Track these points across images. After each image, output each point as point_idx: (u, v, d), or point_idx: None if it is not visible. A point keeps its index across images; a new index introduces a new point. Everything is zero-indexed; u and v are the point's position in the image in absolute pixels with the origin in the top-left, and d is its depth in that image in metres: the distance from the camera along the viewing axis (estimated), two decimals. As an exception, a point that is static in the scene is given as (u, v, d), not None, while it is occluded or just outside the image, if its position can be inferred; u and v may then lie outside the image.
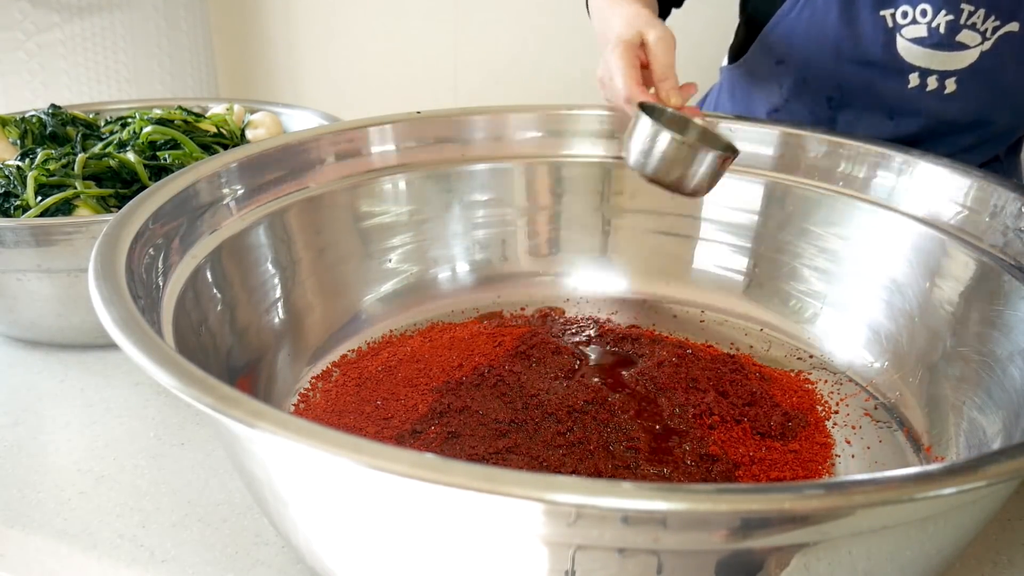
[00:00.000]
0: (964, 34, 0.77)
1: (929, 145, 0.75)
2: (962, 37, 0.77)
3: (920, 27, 0.77)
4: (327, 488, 0.39)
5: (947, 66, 0.79)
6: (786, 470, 0.57)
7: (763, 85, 0.92)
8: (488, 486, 0.31)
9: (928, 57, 0.79)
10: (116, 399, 0.67)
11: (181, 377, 0.37)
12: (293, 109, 1.01)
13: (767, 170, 0.79)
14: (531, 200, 0.84)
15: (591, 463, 0.55)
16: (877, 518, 0.35)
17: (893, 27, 0.78)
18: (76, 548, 0.53)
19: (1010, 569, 0.51)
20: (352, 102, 1.80)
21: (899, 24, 0.78)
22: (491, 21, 1.66)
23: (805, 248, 0.77)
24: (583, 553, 0.35)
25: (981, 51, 0.77)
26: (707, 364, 0.67)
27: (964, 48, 0.77)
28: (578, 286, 0.84)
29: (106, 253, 0.49)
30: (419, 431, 0.59)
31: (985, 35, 0.76)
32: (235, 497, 0.56)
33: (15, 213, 0.75)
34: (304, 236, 0.72)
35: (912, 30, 0.77)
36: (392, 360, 0.69)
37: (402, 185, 0.79)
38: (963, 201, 0.67)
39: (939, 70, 0.79)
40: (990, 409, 0.57)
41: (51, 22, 1.50)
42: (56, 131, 0.89)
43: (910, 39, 0.78)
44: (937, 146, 0.83)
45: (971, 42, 0.77)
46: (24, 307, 0.70)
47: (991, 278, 0.62)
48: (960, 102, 0.80)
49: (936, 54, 0.78)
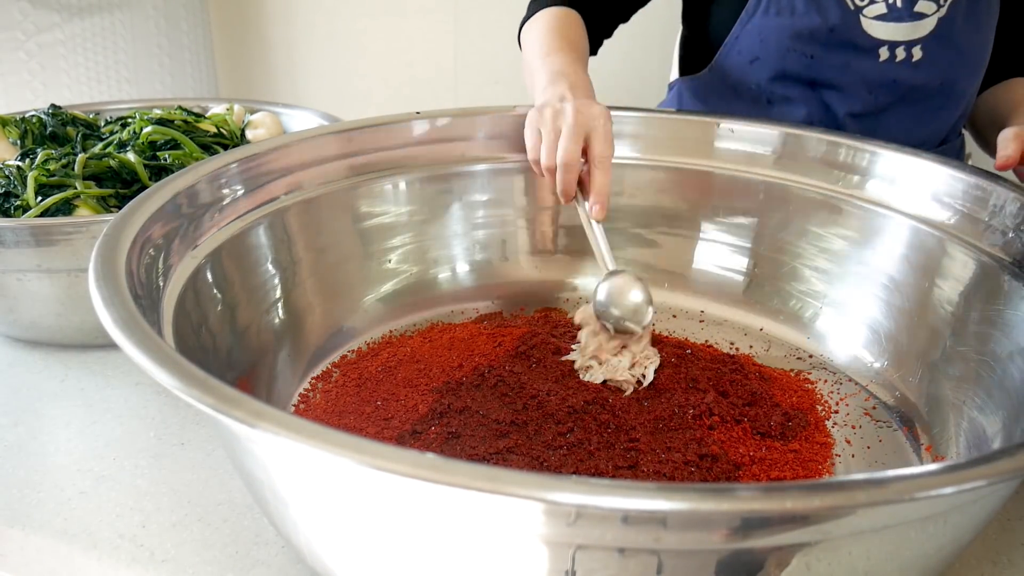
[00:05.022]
0: (921, 4, 0.83)
1: (904, 111, 0.79)
2: (920, 7, 0.83)
3: (879, 5, 0.83)
4: (328, 488, 0.39)
5: (911, 36, 0.84)
6: (786, 470, 0.57)
7: (738, 86, 0.94)
8: (489, 486, 0.31)
9: (892, 30, 0.84)
10: (116, 399, 0.68)
11: (182, 377, 0.37)
12: (293, 109, 1.01)
13: (767, 170, 0.79)
14: (531, 200, 0.84)
15: (591, 463, 0.55)
16: (877, 518, 0.35)
17: (855, 9, 0.83)
18: (76, 548, 0.53)
19: (1010, 569, 0.51)
20: (352, 102, 1.80)
21: (859, 6, 0.83)
22: (491, 21, 1.66)
23: (805, 248, 0.77)
24: (583, 553, 0.35)
25: (939, 18, 0.84)
26: (707, 364, 0.67)
27: (923, 17, 0.83)
28: (578, 286, 0.84)
29: (106, 253, 0.49)
30: (419, 431, 0.59)
31: (939, 2, 0.83)
32: (235, 497, 0.56)
33: (15, 213, 0.75)
34: (304, 236, 0.72)
35: (873, 9, 0.83)
36: (392, 361, 0.69)
37: (402, 185, 0.79)
38: (963, 201, 0.67)
39: (904, 40, 0.84)
40: (990, 409, 0.57)
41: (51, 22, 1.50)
42: (56, 131, 0.89)
43: (872, 17, 0.83)
44: (912, 112, 0.90)
45: (928, 11, 0.83)
46: (24, 307, 0.70)
47: (991, 278, 0.62)
48: (927, 67, 0.87)
49: (899, 26, 0.84)
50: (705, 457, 0.56)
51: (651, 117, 0.83)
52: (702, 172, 0.81)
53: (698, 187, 0.82)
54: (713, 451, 0.57)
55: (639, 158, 0.83)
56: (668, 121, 0.82)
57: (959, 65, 0.88)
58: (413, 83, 1.79)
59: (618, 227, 0.84)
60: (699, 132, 0.81)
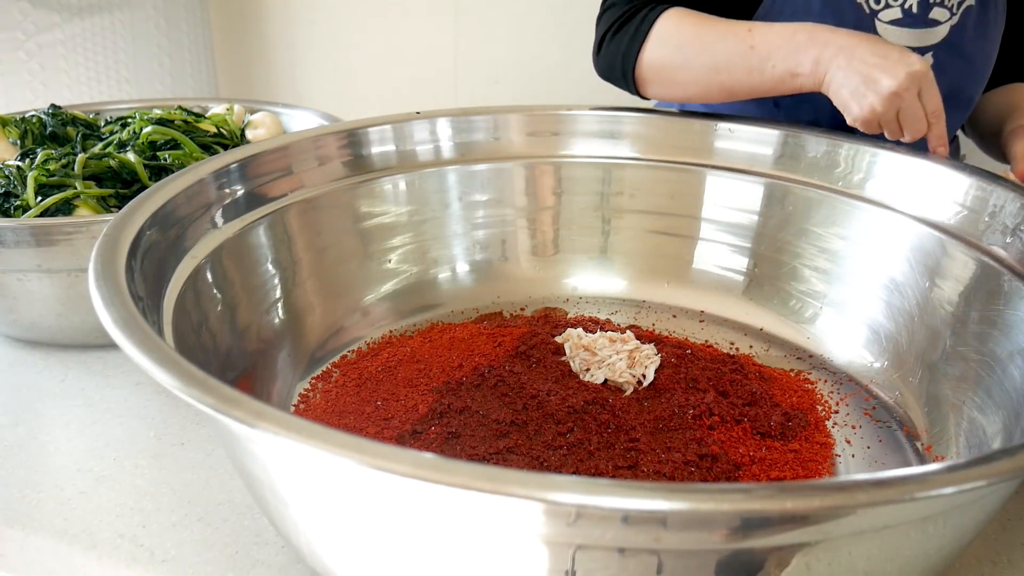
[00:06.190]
0: (936, 11, 0.82)
1: None
2: (934, 14, 0.82)
3: (894, 10, 0.82)
4: (328, 488, 0.39)
5: (924, 42, 0.83)
6: (786, 470, 0.57)
7: None
8: (490, 486, 0.31)
9: (906, 36, 0.83)
10: (116, 399, 0.67)
11: (182, 377, 0.37)
12: (293, 109, 1.01)
13: (767, 170, 0.79)
14: (531, 200, 0.84)
15: (591, 463, 0.55)
16: (878, 518, 0.35)
17: (870, 13, 0.82)
18: (76, 548, 0.53)
19: (1010, 569, 0.51)
20: (352, 102, 1.80)
21: (875, 9, 0.82)
22: (491, 21, 1.66)
23: (805, 248, 0.77)
24: (583, 553, 0.35)
25: (951, 25, 0.83)
26: (707, 364, 0.67)
27: (937, 24, 0.83)
28: (578, 286, 0.84)
29: (106, 253, 0.49)
30: (419, 431, 0.59)
31: (952, 10, 0.83)
32: (235, 497, 0.56)
33: (15, 213, 0.75)
34: (304, 236, 0.72)
35: (888, 13, 0.82)
36: (392, 360, 0.69)
37: (402, 185, 0.79)
38: (963, 201, 0.67)
39: (917, 47, 0.83)
40: (990, 409, 0.57)
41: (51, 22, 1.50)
42: (56, 131, 0.89)
43: (888, 22, 0.82)
44: None
45: (942, 18, 0.82)
46: (24, 307, 0.70)
47: (991, 278, 0.62)
48: (937, 75, 0.87)
49: (913, 32, 0.83)
50: (705, 457, 0.56)
51: (651, 117, 0.83)
52: (702, 172, 0.81)
53: (698, 187, 0.82)
54: (713, 451, 0.57)
55: (639, 158, 0.83)
56: (668, 121, 0.82)
57: (967, 73, 0.87)
58: (413, 83, 1.79)
59: (618, 227, 0.84)
60: (699, 132, 0.81)
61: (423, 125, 0.79)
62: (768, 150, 0.79)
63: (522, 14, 1.63)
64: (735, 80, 0.76)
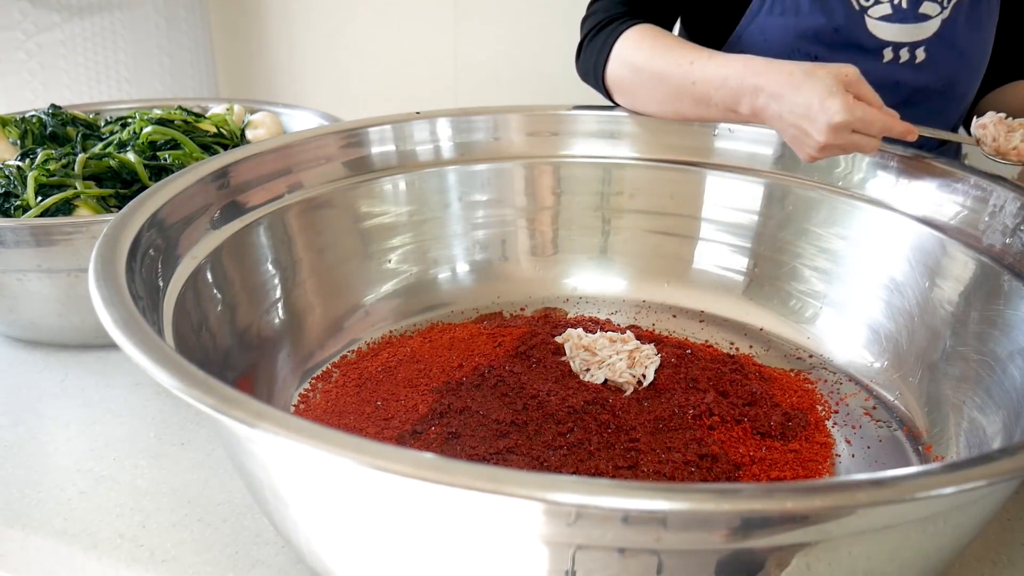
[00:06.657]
0: (926, 5, 0.83)
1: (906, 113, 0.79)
2: (924, 9, 0.83)
3: (884, 6, 0.82)
4: (328, 488, 0.39)
5: (915, 37, 0.84)
6: (786, 470, 0.57)
7: None
8: (490, 486, 0.31)
9: (897, 31, 0.83)
10: (116, 399, 0.67)
11: (182, 377, 0.37)
12: (293, 109, 1.01)
13: (767, 170, 0.79)
14: (531, 200, 0.84)
15: (591, 463, 0.55)
16: (878, 518, 0.35)
17: (860, 9, 0.83)
18: (76, 548, 0.53)
19: (1010, 569, 0.51)
20: (352, 102, 1.80)
21: (864, 6, 0.83)
22: (491, 21, 1.66)
23: (805, 248, 0.77)
24: (583, 553, 0.35)
25: (942, 19, 0.83)
26: (707, 364, 0.67)
27: (927, 19, 0.83)
28: (578, 286, 0.84)
29: (106, 253, 0.49)
30: (419, 431, 0.59)
31: (943, 4, 0.83)
32: (235, 497, 0.56)
33: (15, 213, 0.75)
34: (304, 236, 0.72)
35: (878, 9, 0.82)
36: (392, 361, 0.69)
37: (402, 185, 0.79)
38: (963, 201, 0.67)
39: (908, 42, 0.84)
40: (990, 408, 0.57)
41: (51, 22, 1.50)
42: (56, 131, 0.89)
43: (877, 18, 0.82)
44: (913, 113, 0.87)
45: (932, 12, 0.83)
46: (24, 307, 0.70)
47: (991, 278, 0.62)
48: (931, 69, 0.86)
49: (904, 27, 0.83)
50: (705, 457, 0.56)
51: (651, 117, 0.83)
52: (702, 172, 0.81)
53: (698, 187, 0.82)
54: (713, 451, 0.57)
55: (639, 158, 0.83)
56: (668, 121, 0.82)
57: (961, 67, 0.88)
58: (413, 83, 1.79)
59: (618, 227, 0.84)
60: (699, 132, 0.81)
61: (423, 125, 0.79)
62: (768, 150, 0.79)
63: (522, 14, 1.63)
64: (687, 109, 0.77)
